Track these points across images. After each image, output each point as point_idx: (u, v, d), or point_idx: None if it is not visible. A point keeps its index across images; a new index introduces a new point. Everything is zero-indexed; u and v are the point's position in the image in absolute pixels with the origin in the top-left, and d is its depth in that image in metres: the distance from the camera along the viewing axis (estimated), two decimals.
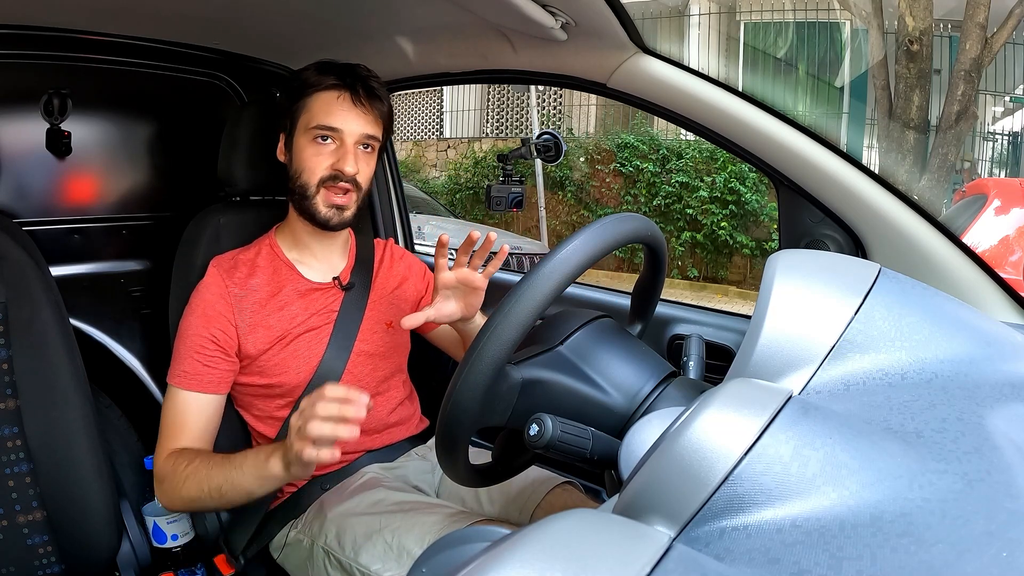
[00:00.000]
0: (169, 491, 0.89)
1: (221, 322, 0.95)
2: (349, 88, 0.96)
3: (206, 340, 0.94)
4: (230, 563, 1.00)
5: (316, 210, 0.96)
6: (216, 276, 0.98)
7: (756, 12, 6.64)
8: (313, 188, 0.96)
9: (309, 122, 0.96)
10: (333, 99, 0.95)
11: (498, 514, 0.99)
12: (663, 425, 0.50)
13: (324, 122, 0.95)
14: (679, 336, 1.14)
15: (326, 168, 0.95)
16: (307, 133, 0.96)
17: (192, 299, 0.97)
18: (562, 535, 0.30)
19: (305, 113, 0.96)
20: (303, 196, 0.96)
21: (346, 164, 0.94)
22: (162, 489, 0.91)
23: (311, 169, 0.95)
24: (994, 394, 0.41)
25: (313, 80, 0.96)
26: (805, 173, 0.89)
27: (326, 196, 0.96)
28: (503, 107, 7.83)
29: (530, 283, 0.55)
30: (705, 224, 5.84)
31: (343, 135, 0.95)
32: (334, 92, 0.95)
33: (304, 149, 0.96)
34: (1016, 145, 6.20)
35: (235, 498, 0.86)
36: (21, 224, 1.11)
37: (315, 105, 0.96)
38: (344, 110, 0.95)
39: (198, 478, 0.86)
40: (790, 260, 0.49)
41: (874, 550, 0.29)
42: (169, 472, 0.88)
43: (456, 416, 0.57)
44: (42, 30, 1.05)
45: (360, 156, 0.97)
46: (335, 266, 1.06)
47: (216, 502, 0.87)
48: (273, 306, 0.98)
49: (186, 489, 0.86)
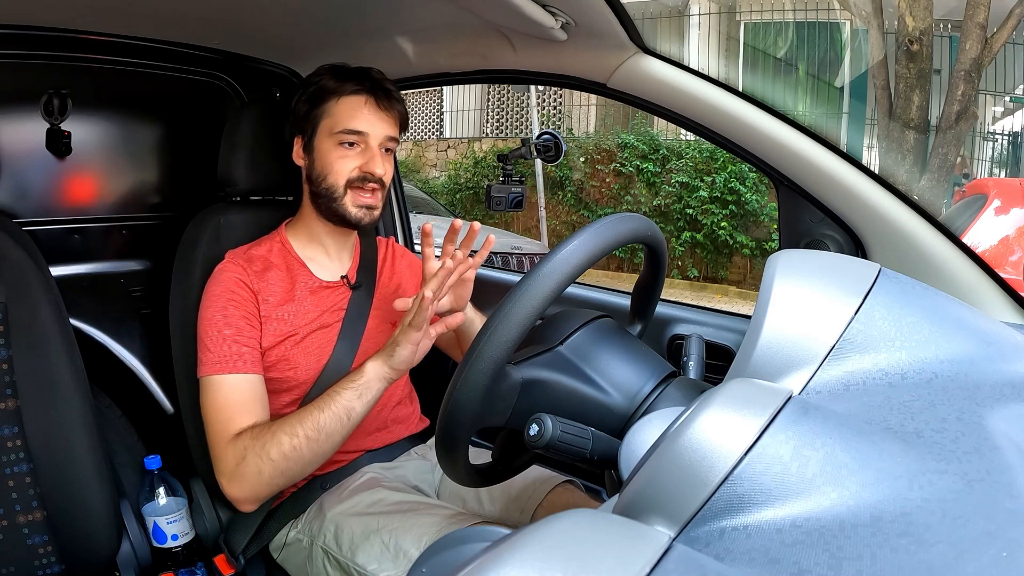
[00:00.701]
0: (251, 466, 0.84)
1: (248, 306, 0.95)
2: (371, 93, 0.98)
3: (240, 321, 0.93)
4: (230, 563, 1.00)
5: (346, 211, 0.98)
6: (235, 266, 0.98)
7: (756, 12, 6.64)
8: (341, 190, 0.98)
9: (334, 127, 0.97)
10: (359, 104, 0.97)
11: (499, 514, 1.00)
12: (663, 425, 0.50)
13: (351, 126, 0.96)
14: (679, 336, 1.14)
15: (353, 170, 0.97)
16: (332, 138, 0.97)
17: (212, 288, 0.96)
18: (562, 535, 0.30)
19: (328, 118, 0.98)
20: (330, 198, 0.98)
21: (375, 166, 0.97)
22: (241, 471, 0.85)
23: (338, 171, 0.97)
24: (994, 394, 0.40)
25: (333, 86, 0.98)
26: (805, 173, 0.89)
27: (354, 197, 0.98)
28: (503, 107, 7.83)
29: (530, 283, 0.55)
30: (705, 224, 5.84)
31: (368, 138, 0.97)
32: (359, 97, 0.97)
33: (329, 153, 0.98)
34: (1016, 145, 6.20)
35: (335, 429, 0.85)
36: (21, 224, 1.11)
37: (339, 110, 0.97)
38: (369, 114, 0.97)
39: (284, 430, 0.84)
40: (790, 260, 0.49)
41: (874, 550, 0.29)
42: (248, 445, 0.85)
43: (456, 416, 0.57)
44: (42, 30, 1.05)
45: (384, 158, 1.00)
46: (344, 265, 1.08)
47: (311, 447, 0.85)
48: (287, 302, 0.99)
49: (275, 447, 0.84)
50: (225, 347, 0.92)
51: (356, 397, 0.87)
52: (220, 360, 0.91)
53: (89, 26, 1.09)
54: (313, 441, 0.85)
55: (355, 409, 0.87)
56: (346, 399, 0.86)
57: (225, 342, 0.92)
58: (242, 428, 0.88)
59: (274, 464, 0.84)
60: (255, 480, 0.85)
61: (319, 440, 0.85)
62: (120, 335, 1.31)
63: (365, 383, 0.87)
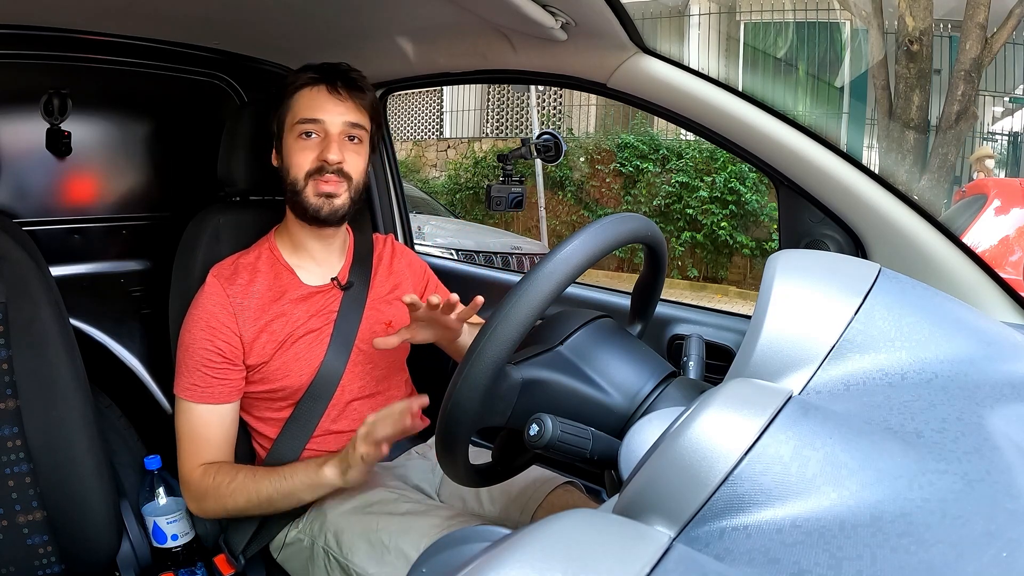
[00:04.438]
0: (213, 505, 0.93)
1: (225, 334, 0.95)
2: (326, 81, 0.97)
3: (212, 353, 0.94)
4: (230, 563, 1.00)
5: (307, 202, 0.96)
6: (216, 286, 0.97)
7: (756, 12, 6.63)
8: (302, 182, 0.96)
9: (293, 119, 0.97)
10: (313, 93, 0.96)
11: (499, 514, 0.99)
12: (663, 425, 0.50)
13: (306, 115, 0.95)
14: (679, 336, 1.14)
15: (312, 161, 0.95)
16: (292, 131, 0.96)
17: (192, 310, 0.96)
18: (562, 535, 0.30)
19: (289, 113, 0.97)
20: (294, 192, 0.97)
21: (330, 153, 0.94)
22: (202, 505, 0.94)
23: (298, 164, 0.96)
24: (994, 394, 0.40)
25: (292, 79, 0.98)
26: (805, 173, 0.89)
27: (315, 186, 0.96)
28: (503, 107, 7.82)
29: (530, 283, 0.55)
30: (705, 224, 5.84)
31: (326, 126, 0.95)
32: (315, 87, 0.97)
33: (291, 147, 0.97)
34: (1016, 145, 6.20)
35: (284, 506, 0.92)
36: (21, 224, 1.11)
37: (297, 103, 0.97)
38: (325, 101, 0.96)
39: (247, 492, 0.90)
40: (790, 260, 0.49)
41: (874, 550, 0.29)
42: (211, 488, 0.92)
43: (456, 416, 0.57)
44: (42, 30, 1.05)
45: (347, 147, 0.97)
46: (334, 266, 1.06)
47: (263, 510, 0.93)
48: (275, 311, 0.98)
49: (233, 501, 0.91)
50: (196, 376, 0.94)
51: (307, 490, 0.90)
52: (190, 387, 0.94)
53: (89, 26, 1.09)
54: (265, 508, 0.92)
55: (304, 499, 0.92)
56: (298, 491, 0.90)
57: (196, 371, 0.94)
58: (207, 462, 0.94)
59: (228, 511, 0.93)
60: (217, 510, 0.94)
61: (271, 509, 0.93)
62: (120, 335, 1.31)
63: (319, 484, 0.90)
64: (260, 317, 0.97)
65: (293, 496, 0.90)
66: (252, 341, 0.96)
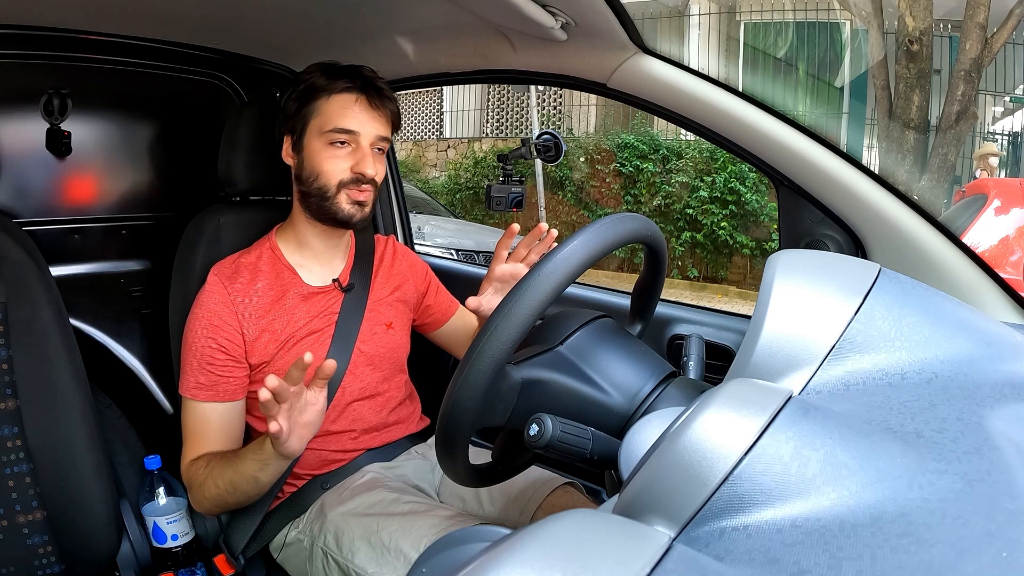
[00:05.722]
0: (198, 496, 0.93)
1: (228, 331, 0.95)
2: (363, 91, 0.96)
3: (215, 350, 0.94)
4: (230, 563, 0.99)
5: (338, 209, 0.97)
6: (217, 284, 0.97)
7: (756, 12, 6.63)
8: (333, 190, 0.96)
9: (323, 125, 0.95)
10: (350, 102, 0.96)
11: (499, 514, 0.99)
12: (663, 425, 0.50)
13: (341, 125, 0.95)
14: (679, 336, 1.14)
15: (345, 171, 0.96)
16: (322, 137, 0.96)
17: (194, 309, 0.97)
18: (562, 535, 0.30)
19: (317, 116, 0.96)
20: (322, 197, 0.97)
21: (366, 167, 0.96)
22: (192, 495, 0.95)
23: (329, 172, 0.96)
24: (994, 394, 0.40)
25: (323, 84, 0.96)
26: (805, 173, 0.89)
27: (348, 195, 0.97)
28: (503, 107, 7.82)
29: (530, 283, 0.55)
30: (705, 224, 5.84)
31: (359, 138, 0.96)
32: (349, 95, 0.96)
33: (319, 152, 0.96)
34: (1016, 145, 6.20)
35: (247, 488, 0.89)
36: (21, 224, 1.11)
37: (329, 108, 0.96)
38: (360, 112, 0.96)
39: (213, 477, 0.90)
40: (790, 260, 0.49)
41: (874, 550, 0.29)
42: (194, 478, 0.92)
43: (456, 416, 0.57)
44: (42, 30, 1.05)
45: (376, 157, 0.98)
46: (336, 268, 1.06)
47: (234, 496, 0.90)
48: (276, 311, 0.98)
49: (207, 490, 0.90)
50: (200, 375, 0.94)
51: (259, 469, 0.86)
52: (194, 385, 0.94)
53: (89, 26, 1.09)
54: (232, 494, 0.90)
55: (260, 478, 0.87)
56: (251, 468, 0.86)
57: (200, 370, 0.94)
58: (200, 454, 0.94)
59: (210, 502, 0.92)
60: (203, 501, 0.93)
61: (237, 493, 0.89)
62: (120, 335, 1.31)
63: (266, 459, 0.85)
64: (262, 316, 0.97)
65: (249, 475, 0.86)
66: (254, 340, 0.96)
